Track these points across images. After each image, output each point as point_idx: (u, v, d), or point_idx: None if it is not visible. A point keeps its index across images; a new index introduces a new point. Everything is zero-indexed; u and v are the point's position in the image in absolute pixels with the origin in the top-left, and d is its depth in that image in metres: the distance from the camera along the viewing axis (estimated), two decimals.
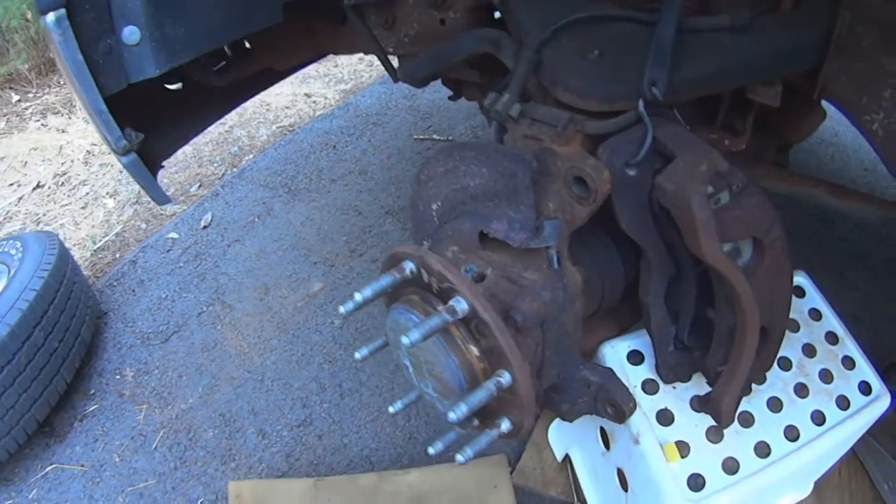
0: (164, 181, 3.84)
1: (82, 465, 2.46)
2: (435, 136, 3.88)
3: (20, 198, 4.01)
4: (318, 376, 2.56)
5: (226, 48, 1.95)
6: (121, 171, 3.93)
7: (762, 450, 1.41)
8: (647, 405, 1.42)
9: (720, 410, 1.29)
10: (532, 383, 1.07)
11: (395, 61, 2.06)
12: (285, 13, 1.61)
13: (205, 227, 3.38)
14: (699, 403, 1.41)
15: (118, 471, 2.43)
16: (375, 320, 2.72)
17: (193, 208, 3.52)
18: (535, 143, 1.27)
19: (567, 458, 2.00)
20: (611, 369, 1.22)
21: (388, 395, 2.46)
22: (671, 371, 1.39)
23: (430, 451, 1.17)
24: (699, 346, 1.34)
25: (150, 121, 1.61)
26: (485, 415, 1.15)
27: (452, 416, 0.98)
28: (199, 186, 3.79)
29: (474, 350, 1.08)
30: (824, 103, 1.55)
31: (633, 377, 1.45)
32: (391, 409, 1.29)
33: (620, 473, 1.61)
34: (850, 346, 1.62)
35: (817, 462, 1.55)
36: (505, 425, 1.09)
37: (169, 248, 3.31)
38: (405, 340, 0.97)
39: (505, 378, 1.03)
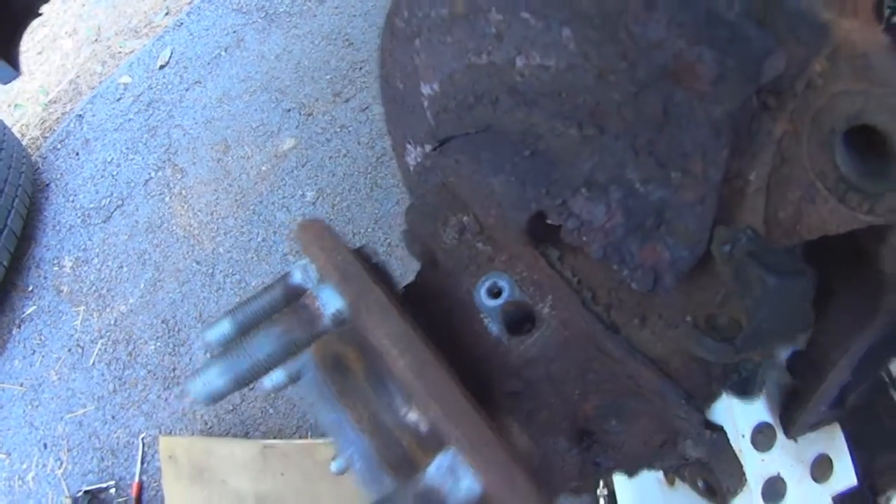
0: (128, 11, 3.18)
1: (21, 385, 2.18)
2: None
3: None
4: (279, 271, 1.94)
5: None
6: (83, 5, 3.33)
7: None
8: (755, 469, 0.90)
9: None
10: None
11: None
12: None
13: (161, 67, 2.73)
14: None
15: (56, 392, 2.11)
16: (359, 195, 2.04)
17: (152, 43, 2.87)
18: None
19: None
20: (724, 436, 0.71)
21: None
22: (805, 428, 0.84)
23: None
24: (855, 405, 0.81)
25: None
26: None
27: None
28: (167, 14, 3.08)
29: None
30: None
31: (742, 420, 0.89)
32: (333, 469, 0.66)
33: None
34: None
35: None
36: None
37: (119, 97, 2.70)
38: None
39: None
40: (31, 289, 2.28)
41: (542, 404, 0.54)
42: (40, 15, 1.52)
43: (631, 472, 0.77)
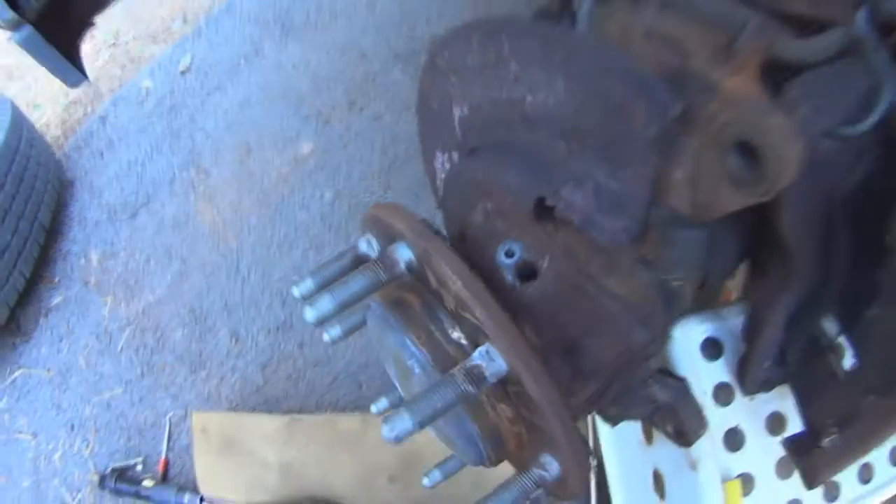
0: (145, 17, 3.31)
1: (48, 370, 2.28)
2: None
3: None
4: (302, 266, 2.14)
5: None
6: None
7: (832, 492, 1.18)
8: (717, 420, 1.08)
9: (816, 478, 1.05)
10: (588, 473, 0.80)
11: None
12: None
13: (183, 72, 2.86)
14: (789, 449, 1.10)
15: (84, 376, 2.21)
16: (373, 196, 2.19)
17: (172, 49, 3.00)
18: (670, 51, 0.76)
19: (593, 418, 1.65)
20: (685, 384, 0.91)
21: None
22: (758, 385, 1.03)
23: (427, 482, 0.88)
24: (799, 363, 0.99)
25: None
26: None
27: None
28: (184, 22, 3.22)
29: (506, 410, 0.73)
30: None
31: (705, 378, 1.07)
32: (373, 409, 0.92)
33: (658, 476, 1.27)
34: None
35: None
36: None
37: (142, 100, 2.83)
38: (390, 434, 0.62)
39: (551, 470, 0.71)
40: (57, 280, 2.39)
41: (541, 331, 0.74)
42: (94, 25, 1.62)
43: (613, 419, 1.01)
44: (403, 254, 0.71)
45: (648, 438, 1.25)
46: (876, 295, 0.86)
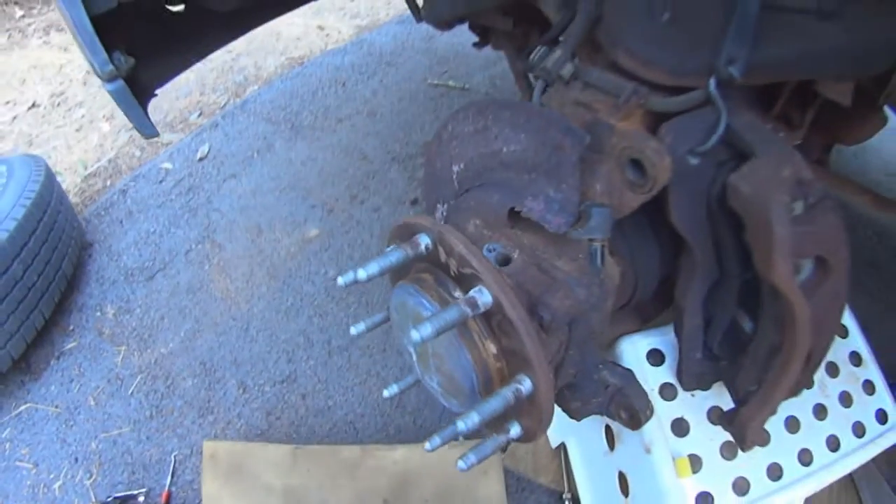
0: (164, 107, 3.67)
1: (56, 407, 2.39)
2: (451, 83, 3.58)
3: (14, 117, 3.84)
4: (307, 330, 2.41)
5: None
6: None
7: (774, 472, 1.34)
8: (664, 412, 1.32)
9: (745, 435, 1.18)
10: (552, 392, 0.97)
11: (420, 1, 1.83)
12: None
13: (201, 159, 3.21)
14: (721, 419, 1.29)
15: (92, 414, 2.34)
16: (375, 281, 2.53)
17: (191, 138, 3.34)
18: (586, 112, 1.13)
19: (562, 446, 1.88)
20: (631, 372, 1.11)
21: (380, 358, 2.30)
22: (694, 379, 1.26)
23: (427, 446, 1.01)
24: (727, 357, 1.23)
25: (145, 45, 1.49)
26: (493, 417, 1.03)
27: (462, 426, 0.89)
28: (200, 115, 3.60)
29: (492, 347, 0.97)
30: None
31: (651, 379, 1.34)
32: (386, 393, 1.19)
33: (622, 477, 1.50)
34: (873, 370, 1.52)
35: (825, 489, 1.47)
36: (515, 431, 1.00)
37: (161, 179, 3.14)
38: (415, 336, 0.85)
39: (525, 385, 0.93)
40: (72, 328, 2.56)
41: (515, 295, 0.98)
42: (156, 95, 1.77)
43: (577, 413, 1.18)
44: (423, 239, 0.99)
45: (611, 446, 1.54)
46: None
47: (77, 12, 1.21)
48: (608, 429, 1.58)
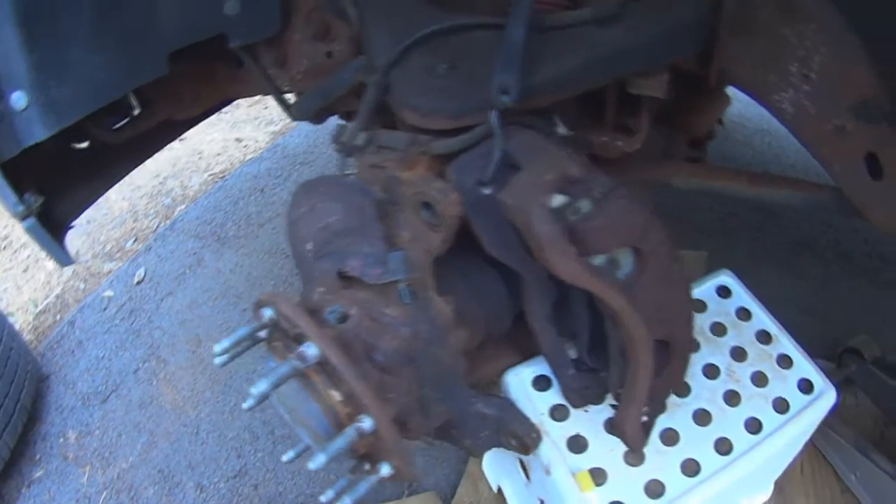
0: (101, 238, 3.94)
1: None
2: None
3: None
4: (251, 425, 2.66)
5: (133, 101, 1.83)
6: None
7: (690, 468, 1.31)
8: (557, 433, 1.34)
9: (625, 434, 1.22)
10: (394, 426, 1.00)
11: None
12: (178, 62, 1.44)
13: (138, 283, 3.47)
14: (609, 427, 1.33)
15: None
16: None
17: (127, 264, 3.61)
18: (381, 171, 1.20)
19: (500, 489, 1.90)
20: (507, 400, 1.20)
21: None
22: (577, 395, 1.31)
23: (322, 499, 1.07)
24: (602, 366, 1.25)
25: (55, 182, 1.58)
26: (370, 459, 1.09)
27: (311, 465, 0.94)
28: (135, 241, 3.87)
29: (336, 395, 1.02)
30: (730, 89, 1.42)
31: (540, 404, 1.36)
32: (284, 458, 1.20)
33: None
34: (786, 343, 1.50)
35: (759, 472, 1.44)
36: (385, 470, 1.04)
37: (105, 307, 3.39)
38: (253, 391, 0.93)
39: (366, 423, 0.98)
40: (38, 457, 2.74)
41: (352, 347, 1.05)
42: (72, 227, 1.81)
43: (474, 451, 1.27)
44: (266, 312, 1.07)
45: (527, 477, 1.56)
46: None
47: None
48: (521, 461, 1.57)
